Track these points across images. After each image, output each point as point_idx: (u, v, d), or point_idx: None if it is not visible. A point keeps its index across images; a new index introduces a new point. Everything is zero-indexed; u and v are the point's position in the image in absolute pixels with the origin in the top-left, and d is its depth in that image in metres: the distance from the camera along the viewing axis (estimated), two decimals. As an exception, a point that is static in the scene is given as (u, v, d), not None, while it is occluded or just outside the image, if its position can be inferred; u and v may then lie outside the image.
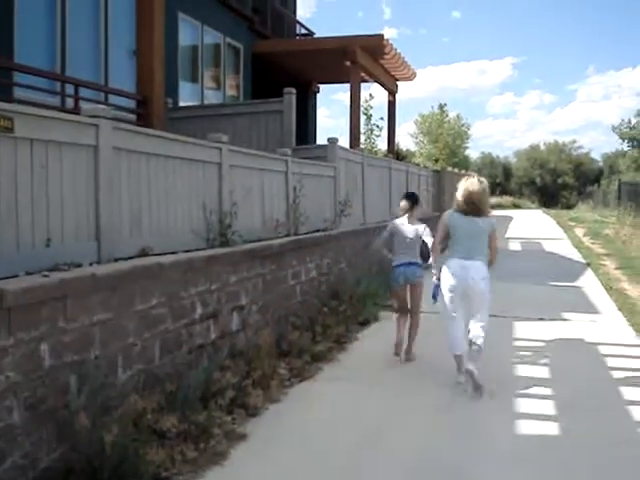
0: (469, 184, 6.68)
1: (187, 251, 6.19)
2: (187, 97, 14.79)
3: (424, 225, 7.75)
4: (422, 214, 8.35)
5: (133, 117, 9.77)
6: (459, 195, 6.68)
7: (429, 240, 7.36)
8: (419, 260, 7.57)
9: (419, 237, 7.58)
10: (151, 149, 6.05)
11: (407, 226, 7.73)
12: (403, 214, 7.95)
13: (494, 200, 47.43)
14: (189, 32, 15.08)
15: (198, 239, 6.64)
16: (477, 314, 6.53)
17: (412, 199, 8.10)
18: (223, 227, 6.93)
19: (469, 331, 6.53)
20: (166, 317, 5.44)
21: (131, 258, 5.51)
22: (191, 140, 6.84)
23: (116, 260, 5.35)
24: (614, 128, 60.04)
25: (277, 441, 5.16)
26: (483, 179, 6.89)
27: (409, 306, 7.73)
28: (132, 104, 10.14)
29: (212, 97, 16.18)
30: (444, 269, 6.67)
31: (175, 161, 6.43)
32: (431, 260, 7.10)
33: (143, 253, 5.74)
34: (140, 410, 4.77)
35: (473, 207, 6.58)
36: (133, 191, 5.80)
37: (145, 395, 4.97)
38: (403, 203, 8.05)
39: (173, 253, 5.97)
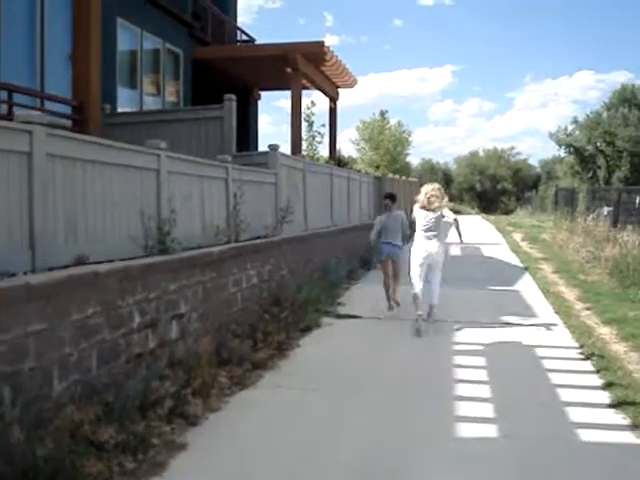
0: (429, 189, 9.39)
1: (125, 259, 6.10)
2: (126, 103, 14.62)
3: (403, 215, 10.85)
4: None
5: (69, 123, 9.61)
6: (421, 196, 9.36)
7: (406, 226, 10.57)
8: (400, 243, 10.49)
9: (400, 225, 10.49)
10: (87, 155, 5.96)
11: (390, 218, 10.52)
12: (386, 209, 10.73)
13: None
14: (128, 37, 14.91)
15: (136, 247, 6.56)
16: (434, 275, 9.56)
17: (392, 198, 10.99)
18: (162, 234, 6.85)
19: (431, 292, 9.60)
20: (103, 327, 5.35)
21: (67, 267, 5.41)
22: (128, 146, 6.76)
23: (51, 269, 5.25)
24: (551, 135, 61.19)
25: (217, 450, 5.11)
26: (439, 185, 9.66)
27: (390, 273, 10.45)
28: (68, 110, 9.98)
29: (151, 103, 16.01)
30: (414, 246, 9.50)
31: (112, 167, 6.35)
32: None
33: (79, 261, 5.65)
34: (77, 421, 4.69)
35: (429, 204, 9.23)
36: (68, 198, 5.70)
37: (82, 406, 4.88)
38: (386, 201, 10.87)
39: (110, 261, 5.88)
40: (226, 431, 5.49)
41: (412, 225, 9.97)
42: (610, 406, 6.14)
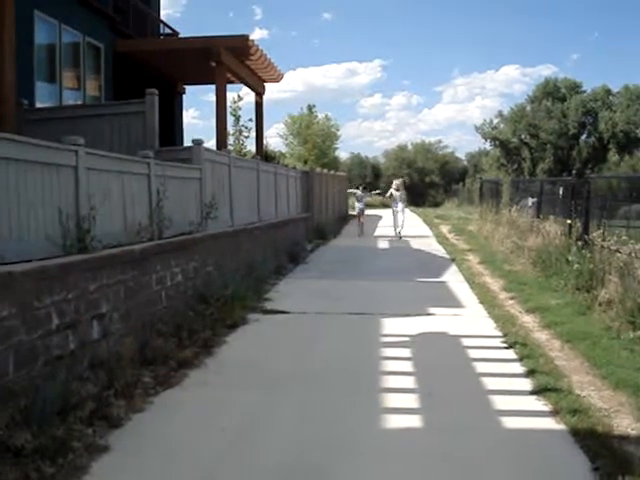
0: (398, 181, 25.21)
1: (42, 259, 5.93)
2: (45, 98, 14.22)
3: (365, 193, 30.16)
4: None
5: (-17, 119, 9.30)
6: (394, 184, 24.68)
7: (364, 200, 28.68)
8: (363, 206, 26.50)
9: (364, 198, 27.75)
10: (1, 153, 5.76)
11: (361, 194, 27.72)
12: (361, 191, 28.54)
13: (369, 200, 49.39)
14: (46, 31, 14.47)
15: (54, 246, 6.37)
16: (402, 218, 23.64)
17: (365, 187, 34.19)
18: (81, 232, 6.67)
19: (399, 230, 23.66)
20: (19, 328, 5.19)
21: (-20, 268, 5.23)
22: (44, 143, 6.55)
23: (-37, 270, 5.07)
24: (477, 128, 62.42)
25: (140, 452, 5.02)
26: (402, 178, 30.56)
27: (361, 219, 25.67)
28: (-18, 106, 9.66)
29: (72, 98, 15.61)
30: (393, 206, 24.13)
31: (27, 165, 6.15)
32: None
33: (-7, 262, 5.47)
34: (-9, 427, 4.55)
35: (397, 188, 24.22)
36: (-19, 197, 5.51)
37: (-2, 411, 4.73)
38: (361, 187, 30.30)
39: (27, 261, 5.71)
40: (150, 432, 5.41)
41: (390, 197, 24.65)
42: (532, 393, 6.27)
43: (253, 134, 22.67)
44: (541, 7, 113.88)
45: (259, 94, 22.46)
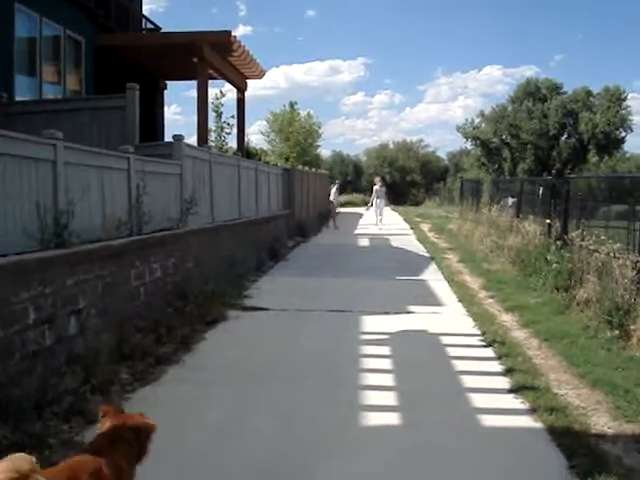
0: (378, 178, 31.00)
1: (19, 253, 5.87)
2: (24, 91, 14.07)
3: (337, 192, 32.83)
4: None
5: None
6: (376, 182, 29.93)
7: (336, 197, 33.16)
8: (335, 200, 31.42)
9: (337, 192, 32.31)
10: (-23, 146, 5.69)
11: (334, 194, 31.62)
12: (335, 189, 32.22)
13: (345, 197, 49.69)
14: (26, 24, 14.32)
15: (31, 240, 6.30)
16: (382, 213, 29.02)
17: (342, 185, 42.64)
18: (59, 227, 6.60)
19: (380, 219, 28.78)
20: (-5, 323, 5.14)
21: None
22: (22, 136, 6.47)
23: (-62, 264, 5.00)
24: (458, 127, 62.50)
25: (116, 448, 4.97)
26: (380, 178, 32.37)
27: (334, 211, 30.07)
28: (-40, 98, 9.55)
29: (52, 92, 15.46)
30: (373, 201, 29.23)
31: (5, 158, 6.07)
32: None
33: (-31, 256, 5.41)
34: (-34, 423, 4.50)
35: (381, 186, 29.31)
36: (-43, 190, 5.44)
37: (-27, 407, 4.69)
38: (337, 184, 34.61)
39: (3, 256, 5.65)
40: (126, 428, 5.36)
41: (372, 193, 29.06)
42: (510, 391, 6.32)
43: (235, 131, 22.61)
44: (525, 8, 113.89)
45: (241, 90, 22.39)
